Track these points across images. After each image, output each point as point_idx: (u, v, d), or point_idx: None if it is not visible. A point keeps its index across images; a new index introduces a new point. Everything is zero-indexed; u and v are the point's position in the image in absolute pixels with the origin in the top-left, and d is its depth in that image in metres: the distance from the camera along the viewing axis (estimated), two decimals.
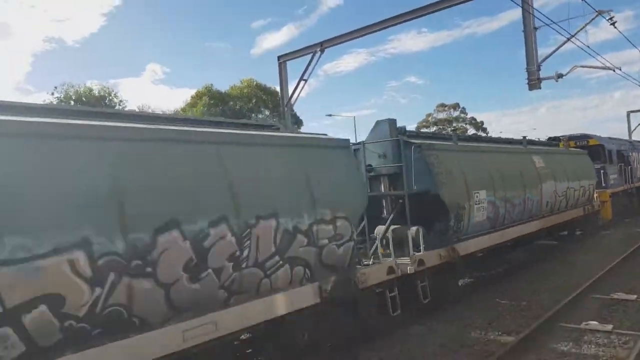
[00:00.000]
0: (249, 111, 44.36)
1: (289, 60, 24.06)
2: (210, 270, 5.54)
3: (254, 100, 44.68)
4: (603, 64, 17.99)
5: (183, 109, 43.53)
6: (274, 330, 6.37)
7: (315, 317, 6.79)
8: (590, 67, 16.62)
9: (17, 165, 4.38)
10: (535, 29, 15.08)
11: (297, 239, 6.48)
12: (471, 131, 69.86)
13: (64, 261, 4.40)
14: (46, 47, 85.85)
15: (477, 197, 10.73)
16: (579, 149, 19.55)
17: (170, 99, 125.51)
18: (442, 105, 74.83)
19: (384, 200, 10.26)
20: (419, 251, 8.88)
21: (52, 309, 4.32)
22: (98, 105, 34.41)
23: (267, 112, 46.27)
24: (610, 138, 23.64)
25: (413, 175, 9.70)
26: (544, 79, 14.84)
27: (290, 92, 23.62)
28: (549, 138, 20.88)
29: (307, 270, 6.66)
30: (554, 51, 16.99)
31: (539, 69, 14.69)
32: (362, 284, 7.37)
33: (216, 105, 44.24)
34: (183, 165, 5.57)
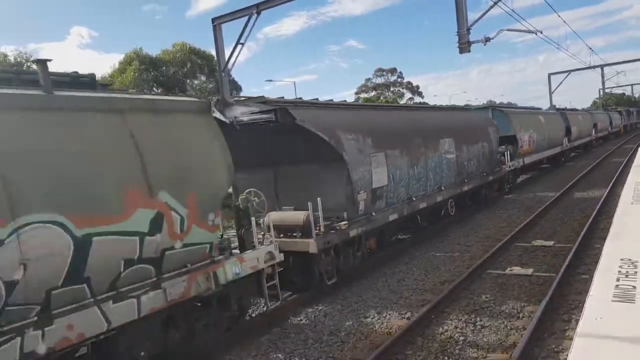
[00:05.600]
0: (184, 77, 42.82)
1: (224, 23, 23.33)
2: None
3: (188, 65, 43.11)
4: (527, 28, 18.94)
5: (111, 76, 41.26)
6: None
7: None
8: (515, 30, 17.51)
9: None
10: None
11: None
12: (407, 95, 71.46)
13: None
14: None
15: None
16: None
17: (100, 64, 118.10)
18: (380, 70, 75.61)
19: None
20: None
21: None
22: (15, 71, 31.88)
23: (203, 78, 44.85)
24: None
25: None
26: (473, 42, 15.47)
27: (227, 56, 23.13)
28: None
29: None
30: (483, 14, 17.65)
31: (468, 33, 15.31)
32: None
33: (148, 71, 42.21)
34: None
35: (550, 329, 6.61)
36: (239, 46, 22.06)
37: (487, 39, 16.33)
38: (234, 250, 7.33)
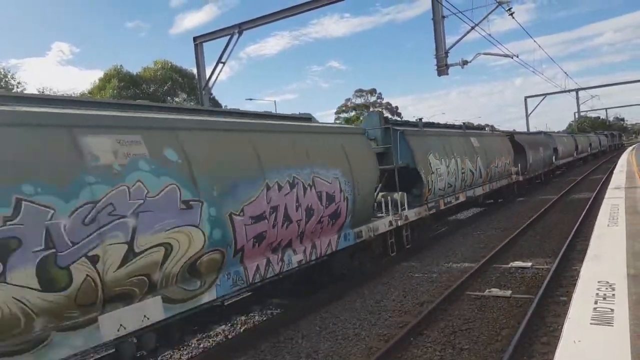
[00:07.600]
0: (164, 94, 42.63)
1: (205, 41, 23.29)
2: None
3: (169, 83, 42.97)
4: (503, 52, 19.42)
5: (90, 92, 40.79)
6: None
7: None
8: (492, 54, 18.11)
9: None
10: (443, 17, 15.98)
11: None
12: (387, 115, 72.36)
13: None
14: None
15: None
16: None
17: (80, 81, 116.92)
18: (360, 90, 76.53)
19: None
20: None
21: None
22: None
23: (184, 96, 44.72)
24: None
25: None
26: (451, 65, 15.88)
27: (208, 74, 23.07)
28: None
29: None
30: (460, 38, 18.20)
31: (446, 56, 15.65)
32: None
33: (127, 88, 41.90)
34: None
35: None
36: (220, 65, 22.21)
37: (465, 62, 16.79)
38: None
